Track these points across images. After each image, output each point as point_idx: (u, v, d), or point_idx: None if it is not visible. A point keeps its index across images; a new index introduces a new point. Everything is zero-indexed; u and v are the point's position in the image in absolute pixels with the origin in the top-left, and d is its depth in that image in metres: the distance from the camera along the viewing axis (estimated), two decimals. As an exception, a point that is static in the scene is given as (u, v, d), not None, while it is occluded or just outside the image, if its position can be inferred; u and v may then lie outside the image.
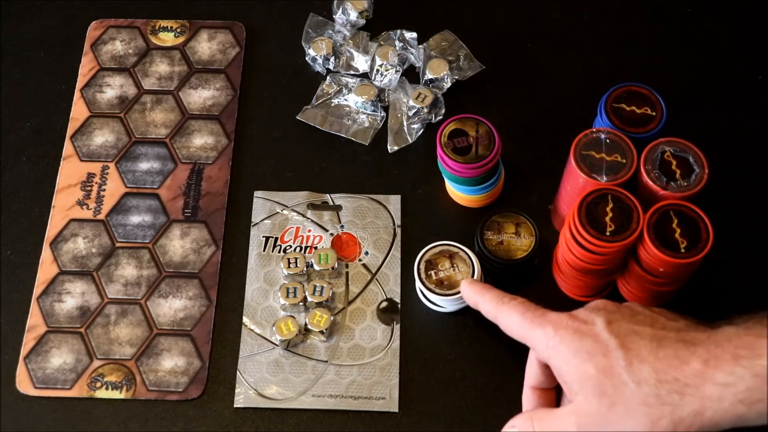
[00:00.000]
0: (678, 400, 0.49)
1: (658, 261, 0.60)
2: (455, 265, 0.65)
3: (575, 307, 0.66)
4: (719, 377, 0.48)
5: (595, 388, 0.52)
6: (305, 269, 0.68)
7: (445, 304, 0.65)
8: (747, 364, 0.47)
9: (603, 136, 0.63)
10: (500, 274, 0.67)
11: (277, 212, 0.71)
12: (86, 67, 0.78)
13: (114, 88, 0.77)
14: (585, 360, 0.52)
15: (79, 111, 0.76)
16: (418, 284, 0.66)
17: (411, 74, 0.77)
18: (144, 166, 0.73)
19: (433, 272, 0.65)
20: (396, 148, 0.74)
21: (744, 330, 0.49)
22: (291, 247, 0.70)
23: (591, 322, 0.54)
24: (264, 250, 0.69)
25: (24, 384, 0.65)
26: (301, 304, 0.66)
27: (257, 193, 0.72)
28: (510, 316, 0.58)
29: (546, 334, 0.55)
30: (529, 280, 0.68)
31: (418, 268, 0.65)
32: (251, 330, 0.67)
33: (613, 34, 0.80)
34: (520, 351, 0.66)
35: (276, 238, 0.70)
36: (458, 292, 0.64)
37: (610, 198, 0.60)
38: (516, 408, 0.63)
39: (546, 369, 0.58)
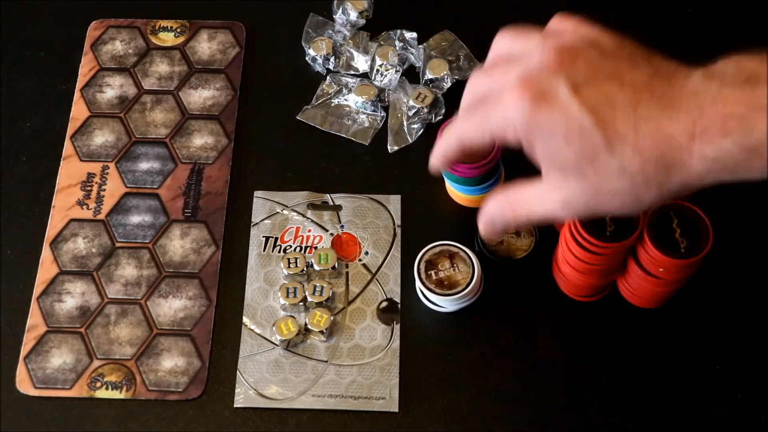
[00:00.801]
0: (664, 176, 0.46)
1: (658, 261, 0.60)
2: (455, 265, 0.65)
3: (575, 307, 0.67)
4: (708, 152, 0.45)
5: (577, 174, 0.48)
6: (305, 269, 0.68)
7: (445, 304, 0.65)
8: (737, 139, 0.44)
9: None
10: (500, 274, 0.67)
11: (277, 212, 0.71)
12: (86, 67, 0.78)
13: (114, 88, 0.77)
14: (561, 144, 0.47)
15: (79, 111, 0.76)
16: (418, 284, 0.66)
17: (411, 74, 0.77)
18: (144, 166, 0.73)
19: (433, 272, 0.65)
20: (396, 148, 0.74)
21: (728, 90, 0.45)
22: (291, 247, 0.70)
23: (554, 89, 0.47)
24: (264, 250, 0.69)
25: (24, 384, 0.65)
26: (301, 304, 0.66)
27: (257, 193, 0.72)
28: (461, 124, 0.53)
29: (506, 111, 0.48)
30: (529, 280, 0.68)
31: (418, 269, 0.65)
32: (251, 330, 0.67)
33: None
34: (520, 351, 0.66)
35: (276, 238, 0.70)
36: (458, 292, 0.64)
37: (610, 198, 0.60)
38: (516, 408, 0.64)
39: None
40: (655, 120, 0.46)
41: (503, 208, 0.53)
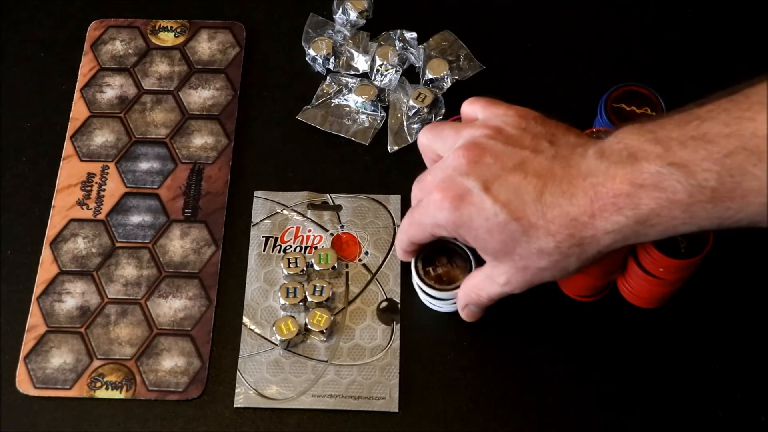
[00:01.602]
0: (579, 250, 0.53)
1: (658, 261, 0.60)
2: (453, 262, 0.65)
3: (575, 307, 0.67)
4: (607, 227, 0.51)
5: (506, 258, 0.56)
6: (305, 269, 0.68)
7: (444, 301, 0.65)
8: (629, 214, 0.50)
9: (603, 136, 0.63)
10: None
11: (277, 212, 0.71)
12: (86, 67, 0.78)
13: (114, 88, 0.77)
14: (485, 236, 0.55)
15: (79, 111, 0.76)
16: (415, 280, 0.65)
17: (411, 74, 0.77)
18: (144, 166, 0.73)
19: (431, 268, 0.65)
20: (396, 148, 0.74)
21: (615, 169, 0.50)
22: (291, 247, 0.70)
23: (468, 189, 0.54)
24: (264, 250, 0.69)
25: (24, 384, 0.65)
26: (301, 304, 0.66)
27: (257, 193, 0.72)
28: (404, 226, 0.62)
29: (434, 215, 0.57)
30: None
31: (416, 265, 0.65)
32: (251, 330, 0.67)
33: (613, 34, 0.80)
34: (520, 351, 0.66)
35: (276, 238, 0.70)
36: (457, 286, 0.64)
37: (610, 198, 0.60)
38: (516, 408, 0.64)
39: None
40: (559, 206, 0.52)
41: (469, 295, 0.61)
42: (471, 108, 0.60)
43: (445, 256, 0.65)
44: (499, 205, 0.53)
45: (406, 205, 0.71)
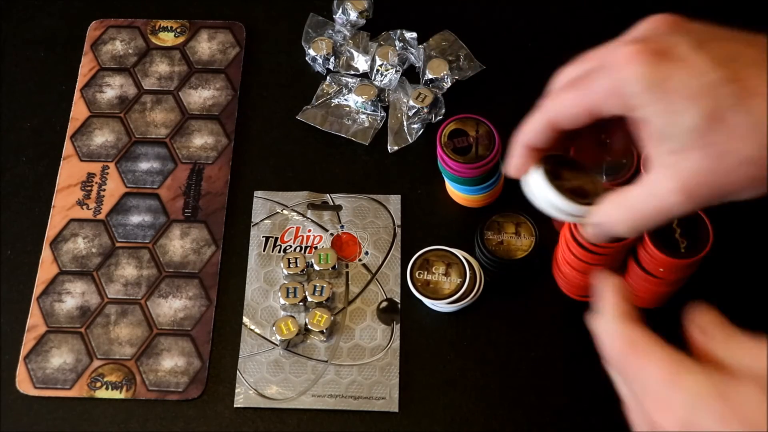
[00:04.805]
0: None
1: (658, 261, 0.60)
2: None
3: (575, 307, 0.67)
4: None
5: (698, 143, 0.41)
6: (305, 269, 0.68)
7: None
8: None
9: (603, 136, 0.63)
10: (500, 274, 0.67)
11: (277, 212, 0.71)
12: (86, 67, 0.78)
13: (114, 88, 0.77)
14: (683, 105, 0.41)
15: (79, 111, 0.76)
16: (542, 191, 0.50)
17: (411, 74, 0.77)
18: (144, 166, 0.73)
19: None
20: (396, 148, 0.74)
21: None
22: (291, 247, 0.70)
23: (674, 44, 0.42)
24: (264, 250, 0.69)
25: (24, 384, 0.65)
26: (300, 304, 0.66)
27: (257, 193, 0.72)
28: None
29: (618, 73, 0.43)
30: (529, 280, 0.68)
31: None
32: (251, 330, 0.67)
33: (613, 34, 0.80)
34: (520, 351, 0.66)
35: (276, 238, 0.70)
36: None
37: (610, 198, 0.60)
38: (516, 408, 0.63)
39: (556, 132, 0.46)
40: None
41: (613, 214, 0.47)
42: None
43: (568, 168, 0.50)
44: (715, 62, 0.41)
45: (406, 205, 0.71)
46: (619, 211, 0.46)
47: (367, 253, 0.69)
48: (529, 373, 0.65)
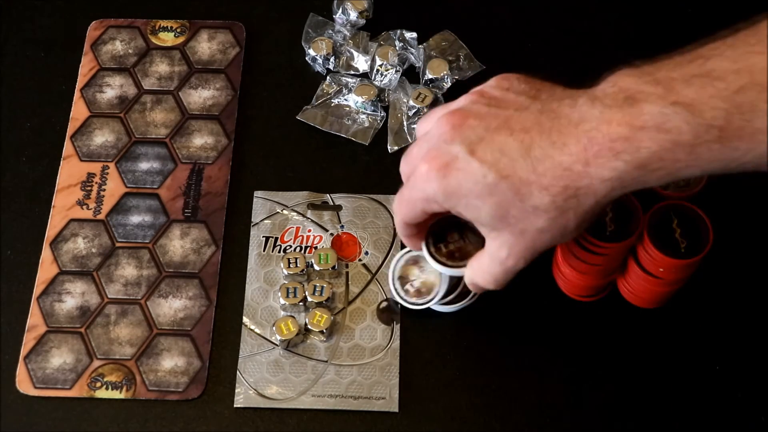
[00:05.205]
0: (576, 203, 0.50)
1: (658, 261, 0.60)
2: (466, 237, 0.62)
3: (575, 307, 0.67)
4: (605, 174, 0.48)
5: (503, 225, 0.52)
6: (305, 269, 0.68)
7: (458, 275, 0.63)
8: (628, 159, 0.47)
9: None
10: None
11: (277, 212, 0.71)
12: (86, 67, 0.78)
13: (114, 88, 0.77)
14: (477, 203, 0.52)
15: (79, 111, 0.76)
16: (426, 256, 0.62)
17: (411, 74, 0.77)
18: (144, 166, 0.73)
19: (442, 245, 0.62)
20: (396, 148, 0.74)
21: (610, 113, 0.47)
22: (291, 247, 0.70)
23: (454, 155, 0.52)
24: (264, 250, 0.69)
25: (24, 384, 0.65)
26: (300, 304, 0.66)
27: (257, 193, 0.72)
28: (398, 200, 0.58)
29: (422, 187, 0.54)
30: (529, 280, 0.68)
31: (427, 242, 0.62)
32: (251, 330, 0.67)
33: (613, 34, 0.80)
34: (520, 351, 0.66)
35: (276, 238, 0.70)
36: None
37: (610, 198, 0.60)
38: (516, 408, 0.63)
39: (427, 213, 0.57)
40: (550, 157, 0.49)
41: (475, 278, 0.59)
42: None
43: (457, 232, 0.62)
44: (487, 165, 0.50)
45: (406, 205, 0.71)
46: (477, 273, 0.58)
47: (367, 253, 0.69)
48: (529, 373, 0.65)
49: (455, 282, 0.64)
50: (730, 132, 0.45)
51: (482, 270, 0.57)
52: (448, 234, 0.62)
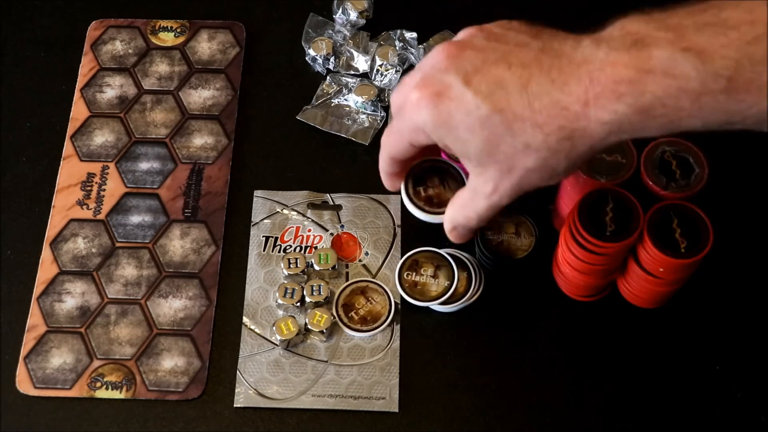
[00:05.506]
0: (569, 144, 0.48)
1: (658, 261, 0.60)
2: (446, 183, 0.62)
3: (575, 307, 0.67)
4: (604, 116, 0.47)
5: (491, 160, 0.51)
6: (305, 269, 0.68)
7: (434, 222, 0.62)
8: (630, 101, 0.46)
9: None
10: (500, 274, 0.67)
11: (277, 212, 0.71)
12: (86, 67, 0.78)
13: (114, 88, 0.77)
14: (467, 135, 0.50)
15: (79, 111, 0.76)
16: (404, 200, 0.62)
17: (411, 74, 0.77)
18: (144, 166, 0.73)
19: (422, 188, 0.62)
20: (396, 148, 0.74)
21: (616, 55, 0.46)
22: (291, 246, 0.70)
23: (448, 84, 0.50)
24: (264, 250, 0.69)
25: (24, 384, 0.65)
26: (299, 303, 0.66)
27: (257, 193, 0.72)
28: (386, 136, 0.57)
29: (412, 116, 0.52)
30: (529, 280, 0.68)
31: (406, 184, 0.62)
32: (251, 330, 0.67)
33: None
34: (520, 351, 0.66)
35: (276, 238, 0.70)
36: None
37: (610, 198, 0.60)
38: (516, 408, 0.64)
39: (414, 147, 0.56)
40: (548, 94, 0.47)
41: (455, 216, 0.57)
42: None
43: (438, 177, 0.61)
44: (481, 97, 0.49)
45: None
46: (458, 211, 0.56)
47: (367, 253, 0.69)
48: (529, 373, 0.65)
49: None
50: (739, 83, 0.44)
51: (464, 206, 0.56)
52: (428, 179, 0.61)
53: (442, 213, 0.59)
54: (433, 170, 0.61)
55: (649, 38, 0.46)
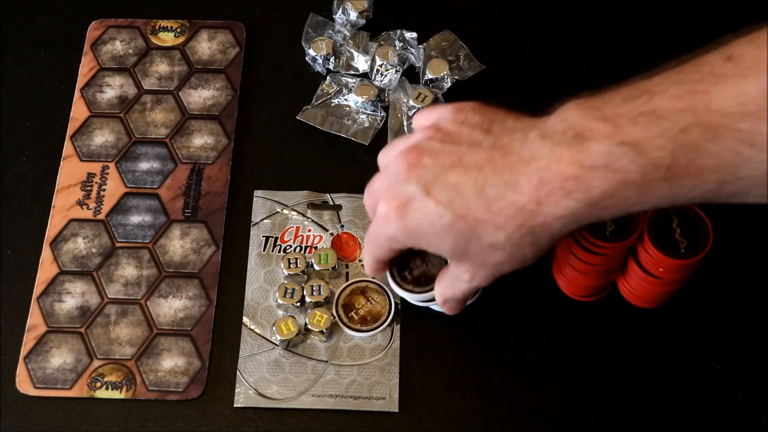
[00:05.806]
0: (532, 238, 0.51)
1: (657, 261, 0.60)
2: (428, 261, 0.63)
3: (575, 307, 0.67)
4: (557, 212, 0.49)
5: (463, 257, 0.55)
6: (306, 269, 0.68)
7: (427, 300, 0.64)
8: (579, 197, 0.48)
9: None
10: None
11: (277, 212, 0.71)
12: (86, 67, 0.78)
13: (114, 88, 0.77)
14: (436, 240, 0.54)
15: (79, 111, 0.76)
16: (394, 287, 0.64)
17: (411, 74, 0.77)
18: (144, 166, 0.73)
19: (407, 272, 0.63)
20: (396, 148, 0.74)
21: (560, 151, 0.48)
22: (291, 246, 0.70)
23: (411, 196, 0.53)
24: (264, 250, 0.69)
25: (24, 384, 0.65)
26: (299, 303, 0.66)
27: (257, 193, 0.72)
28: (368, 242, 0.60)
29: (384, 228, 0.56)
30: (529, 280, 0.68)
31: (392, 273, 0.64)
32: (251, 330, 0.67)
33: (613, 34, 0.80)
34: (520, 351, 0.66)
35: (276, 238, 0.70)
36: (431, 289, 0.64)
37: (610, 198, 0.60)
38: (516, 408, 0.64)
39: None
40: (503, 197, 0.50)
41: (444, 292, 0.61)
42: (416, 120, 0.59)
43: (418, 257, 0.63)
44: (442, 206, 0.52)
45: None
46: (444, 288, 0.60)
47: (367, 253, 0.69)
48: (529, 373, 0.65)
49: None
50: (677, 171, 0.46)
51: (449, 286, 0.60)
52: (411, 261, 0.63)
53: (432, 289, 0.62)
54: (412, 252, 0.62)
55: (588, 132, 0.48)
